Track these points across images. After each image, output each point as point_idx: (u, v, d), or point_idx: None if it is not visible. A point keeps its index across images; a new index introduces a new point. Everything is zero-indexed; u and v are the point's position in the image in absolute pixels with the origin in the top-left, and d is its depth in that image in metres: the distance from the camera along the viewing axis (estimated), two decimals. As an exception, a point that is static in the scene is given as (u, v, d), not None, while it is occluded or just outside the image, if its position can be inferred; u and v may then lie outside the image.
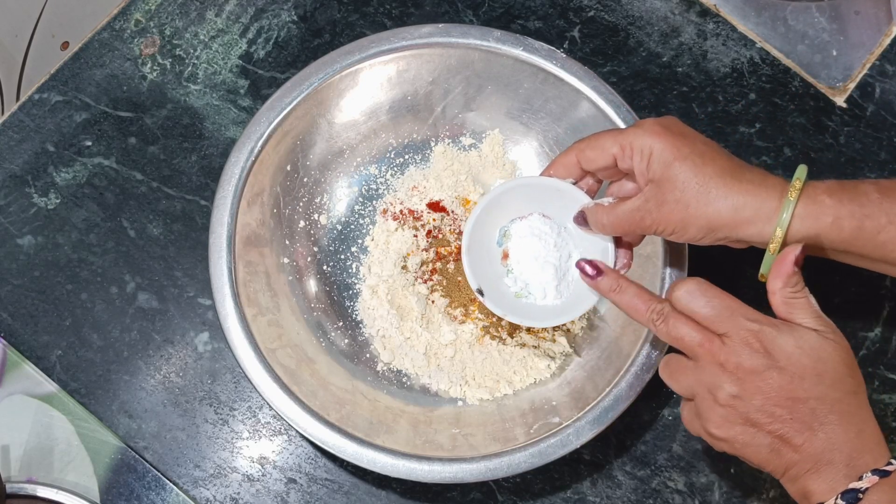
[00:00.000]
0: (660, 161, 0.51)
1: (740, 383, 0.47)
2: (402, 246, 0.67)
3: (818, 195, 0.50)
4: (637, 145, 0.52)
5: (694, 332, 0.49)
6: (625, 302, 0.53)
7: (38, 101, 0.72)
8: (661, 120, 0.53)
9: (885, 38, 0.75)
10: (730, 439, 0.48)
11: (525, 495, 0.64)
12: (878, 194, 0.50)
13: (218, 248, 0.61)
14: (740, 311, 0.49)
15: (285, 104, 0.64)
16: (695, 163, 0.51)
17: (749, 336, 0.48)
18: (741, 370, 0.47)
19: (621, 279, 0.53)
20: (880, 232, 0.50)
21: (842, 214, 0.50)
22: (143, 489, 0.63)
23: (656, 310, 0.51)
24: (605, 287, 0.54)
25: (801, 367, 0.47)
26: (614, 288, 0.53)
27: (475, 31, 0.66)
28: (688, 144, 0.51)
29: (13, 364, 0.66)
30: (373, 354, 0.65)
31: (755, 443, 0.48)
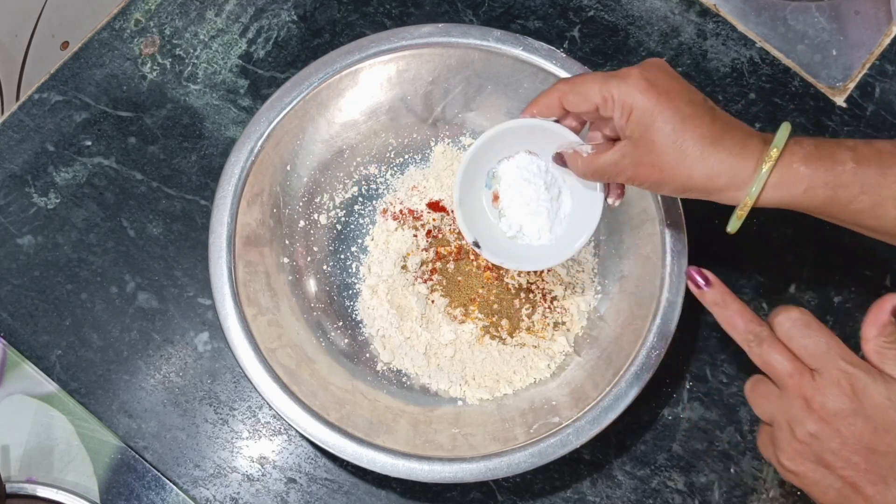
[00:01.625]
0: (639, 121, 0.51)
1: (822, 423, 0.47)
2: (402, 246, 0.67)
3: (794, 163, 0.50)
4: (619, 99, 0.52)
5: (786, 361, 0.49)
6: (725, 317, 0.52)
7: (38, 100, 0.72)
8: (647, 71, 0.52)
9: (885, 38, 0.75)
10: (800, 474, 0.48)
11: (525, 495, 0.64)
12: (854, 163, 0.50)
13: (218, 247, 0.61)
14: (838, 350, 0.48)
15: (285, 104, 0.64)
16: (674, 127, 0.51)
17: (841, 377, 0.47)
18: (825, 410, 0.47)
19: (726, 294, 0.52)
20: (852, 201, 0.50)
21: (815, 184, 0.50)
22: (143, 489, 0.63)
23: (754, 331, 0.50)
24: (709, 299, 0.53)
25: (888, 420, 0.46)
26: (718, 302, 0.52)
27: (475, 31, 0.66)
28: (670, 105, 0.51)
29: (13, 364, 0.66)
30: (373, 354, 0.65)
31: (824, 483, 0.47)
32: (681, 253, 0.62)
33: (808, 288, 0.69)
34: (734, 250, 0.69)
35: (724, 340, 0.67)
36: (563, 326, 0.65)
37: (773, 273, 0.69)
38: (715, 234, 0.69)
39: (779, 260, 0.69)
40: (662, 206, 0.63)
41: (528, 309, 0.66)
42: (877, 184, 0.49)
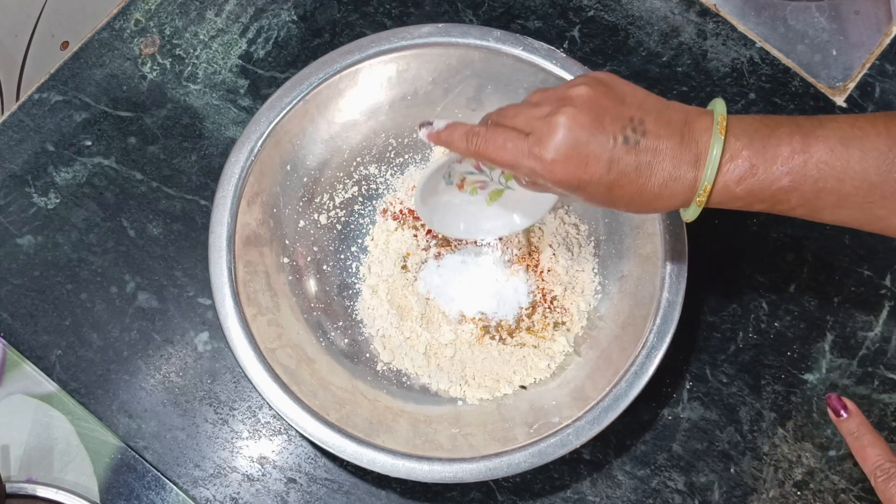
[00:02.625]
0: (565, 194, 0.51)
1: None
2: (402, 246, 0.67)
3: (730, 187, 0.48)
4: (540, 181, 0.50)
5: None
6: (857, 447, 0.54)
7: (38, 100, 0.72)
8: (566, 141, 0.48)
9: (884, 38, 0.75)
10: None
11: (525, 495, 0.64)
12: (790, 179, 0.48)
13: (218, 247, 0.61)
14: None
15: (285, 104, 0.64)
16: (599, 203, 0.50)
17: None
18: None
19: (862, 426, 0.55)
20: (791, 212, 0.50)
21: (752, 202, 0.49)
22: (143, 489, 0.63)
23: (883, 467, 0.52)
24: (845, 428, 0.55)
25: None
26: (853, 431, 0.55)
27: (475, 31, 0.66)
28: (590, 183, 0.48)
29: (13, 364, 0.66)
30: (373, 354, 0.65)
31: None
32: (681, 253, 0.62)
33: (808, 288, 0.69)
34: (734, 250, 0.69)
35: (724, 340, 0.67)
36: (563, 326, 0.65)
37: (773, 273, 0.69)
38: (715, 234, 0.70)
39: (779, 260, 0.69)
40: (662, 206, 0.63)
41: (528, 309, 0.66)
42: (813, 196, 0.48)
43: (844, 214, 0.49)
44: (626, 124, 0.48)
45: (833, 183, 0.47)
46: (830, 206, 0.48)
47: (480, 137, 0.50)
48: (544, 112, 0.49)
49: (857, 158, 0.47)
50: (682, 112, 0.50)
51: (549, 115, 0.48)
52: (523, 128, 0.49)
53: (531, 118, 0.49)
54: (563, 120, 0.47)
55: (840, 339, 0.67)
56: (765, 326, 0.67)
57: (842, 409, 0.56)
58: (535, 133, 0.48)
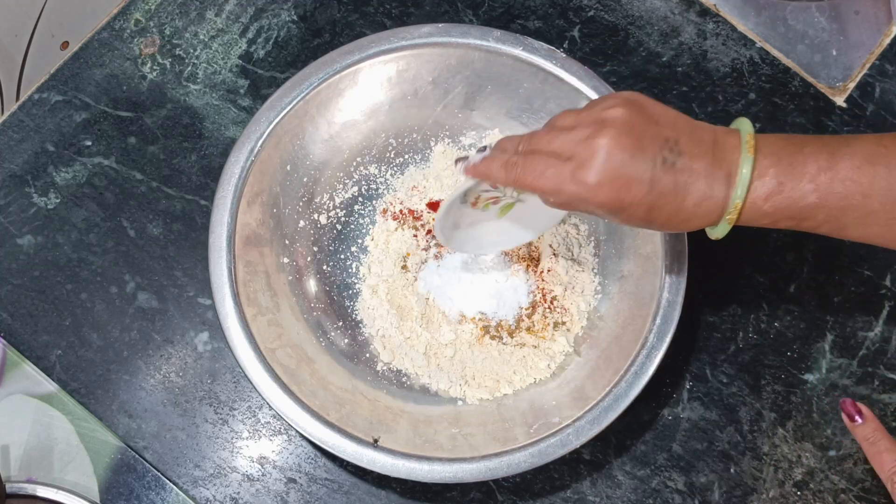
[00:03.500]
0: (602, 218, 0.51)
1: None
2: (402, 246, 0.67)
3: (758, 204, 0.49)
4: (581, 205, 0.50)
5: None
6: (873, 453, 0.55)
7: (38, 100, 0.72)
8: (607, 167, 0.48)
9: (884, 38, 0.75)
10: None
11: (525, 495, 0.64)
12: (815, 194, 0.48)
13: (218, 247, 0.61)
14: None
15: (285, 104, 0.64)
16: (641, 220, 0.50)
17: None
18: None
19: (878, 431, 0.55)
20: (816, 229, 0.50)
21: (779, 219, 0.50)
22: (143, 489, 0.63)
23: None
24: (860, 434, 0.56)
25: None
26: (869, 437, 0.55)
27: (475, 31, 0.66)
28: (631, 205, 0.48)
29: (13, 364, 0.66)
30: (373, 354, 0.65)
31: None
32: (681, 253, 0.62)
33: (808, 288, 0.69)
34: (734, 250, 0.69)
35: (724, 340, 0.67)
36: (563, 326, 0.65)
37: (773, 273, 0.69)
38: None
39: (779, 260, 0.69)
40: (662, 206, 0.63)
41: (527, 309, 0.66)
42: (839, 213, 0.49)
43: (870, 231, 0.49)
44: (663, 145, 0.48)
45: (859, 199, 0.47)
46: (856, 223, 0.48)
47: (519, 167, 0.50)
48: (583, 135, 0.48)
49: (882, 175, 0.47)
50: (711, 131, 0.50)
51: (588, 139, 0.48)
52: (562, 153, 0.49)
53: (569, 142, 0.49)
54: (605, 142, 0.47)
55: (840, 339, 0.67)
56: (765, 326, 0.67)
57: (857, 415, 0.56)
58: (576, 158, 0.48)
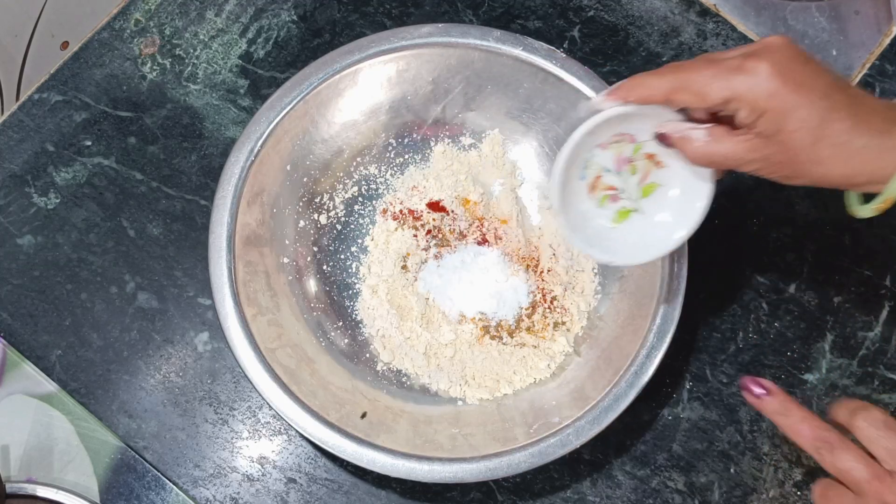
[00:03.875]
0: (771, 123, 0.47)
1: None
2: (402, 246, 0.67)
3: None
4: (747, 102, 0.46)
5: (864, 466, 0.47)
6: (788, 425, 0.50)
7: (38, 100, 0.72)
8: (777, 63, 0.46)
9: (884, 38, 0.75)
10: None
11: (525, 495, 0.64)
12: None
13: (218, 247, 0.61)
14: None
15: (285, 104, 0.64)
16: (811, 130, 0.46)
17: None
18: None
19: (787, 402, 0.50)
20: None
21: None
22: (143, 489, 0.63)
23: (822, 438, 0.48)
24: (769, 409, 0.51)
25: None
26: (779, 411, 0.50)
27: (475, 31, 0.66)
28: (805, 103, 0.46)
29: (13, 364, 0.66)
30: (373, 354, 0.65)
31: None
32: (681, 253, 0.62)
33: (808, 288, 0.69)
34: (734, 250, 0.69)
35: (724, 341, 0.67)
36: (563, 326, 0.65)
37: (773, 273, 0.69)
38: (715, 234, 0.70)
39: (779, 260, 0.69)
40: (662, 206, 0.63)
41: (527, 309, 0.66)
42: None
43: None
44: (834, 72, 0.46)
45: None
46: None
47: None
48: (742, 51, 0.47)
49: None
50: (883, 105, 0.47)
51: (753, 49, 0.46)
52: None
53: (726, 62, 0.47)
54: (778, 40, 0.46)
55: (840, 339, 0.67)
56: (765, 326, 0.67)
57: (758, 388, 0.51)
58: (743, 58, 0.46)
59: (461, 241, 0.67)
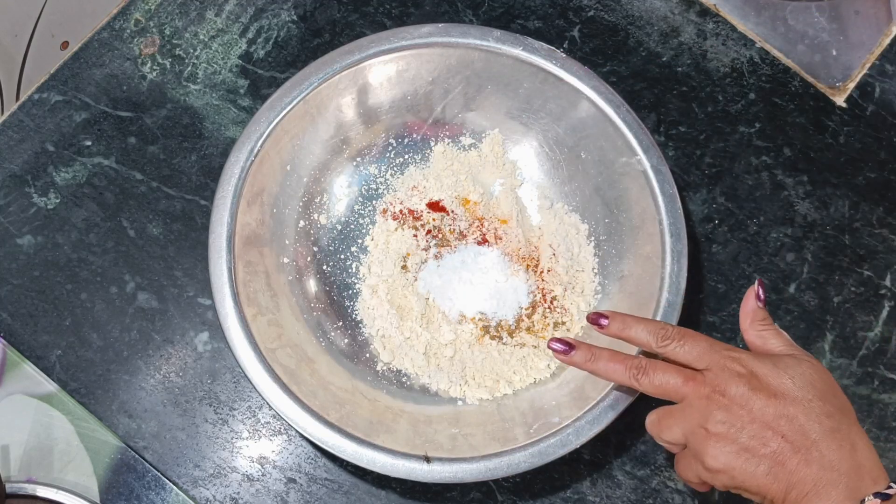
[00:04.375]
0: None
1: (728, 410, 0.48)
2: (402, 246, 0.67)
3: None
4: None
5: (675, 374, 0.51)
6: (601, 368, 0.54)
7: (38, 100, 0.72)
8: None
9: (884, 38, 0.75)
10: (727, 468, 0.48)
11: (525, 495, 0.64)
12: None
13: (218, 247, 0.61)
14: (718, 344, 0.51)
15: (285, 104, 0.64)
16: None
17: (731, 363, 0.49)
18: (727, 397, 0.48)
19: (592, 348, 0.54)
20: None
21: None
22: (143, 489, 0.63)
23: (634, 365, 0.52)
24: (579, 360, 0.54)
25: (784, 386, 0.48)
26: (588, 358, 0.54)
27: (475, 31, 0.66)
28: None
29: (13, 364, 0.66)
30: (373, 354, 0.65)
31: (751, 469, 0.48)
32: (681, 253, 0.62)
33: (808, 288, 0.69)
34: (734, 250, 0.69)
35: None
36: (563, 326, 0.65)
37: (773, 273, 0.69)
38: (715, 234, 0.70)
39: (779, 260, 0.69)
40: (662, 205, 0.63)
41: (527, 309, 0.66)
42: None
43: None
44: None
45: None
46: None
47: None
48: None
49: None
50: None
51: None
52: None
53: None
54: None
55: (840, 339, 0.67)
56: (765, 326, 0.67)
57: (561, 345, 0.54)
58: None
59: (461, 241, 0.67)
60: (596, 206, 0.67)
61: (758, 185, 0.71)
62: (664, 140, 0.72)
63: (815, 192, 0.71)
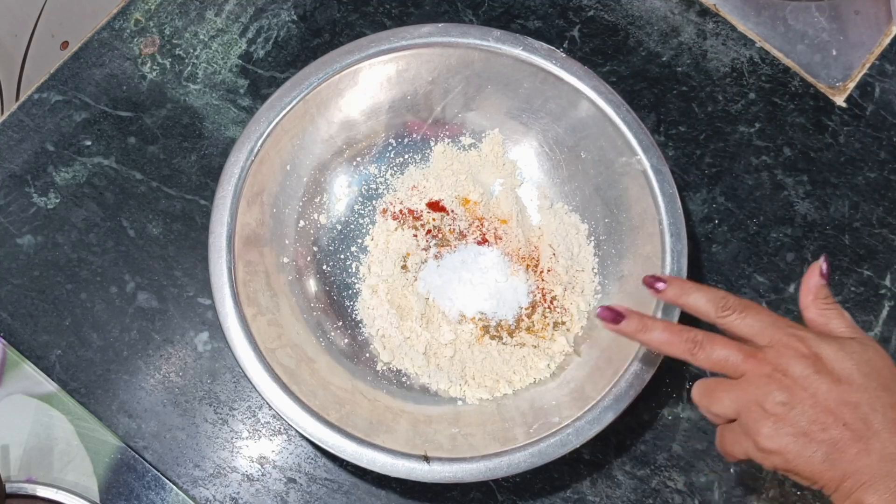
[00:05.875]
0: None
1: (789, 391, 0.46)
2: (402, 246, 0.67)
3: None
4: None
5: (736, 350, 0.48)
6: (655, 339, 0.51)
7: (38, 100, 0.72)
8: None
9: (884, 38, 0.75)
10: (781, 450, 0.46)
11: (525, 495, 0.64)
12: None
13: (217, 247, 0.61)
14: (782, 321, 0.48)
15: (285, 104, 0.64)
16: None
17: (794, 341, 0.47)
18: (789, 377, 0.46)
19: (645, 317, 0.51)
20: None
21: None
22: (143, 489, 0.63)
23: (689, 338, 0.49)
24: (630, 329, 0.52)
25: (849, 372, 0.46)
26: (640, 328, 0.51)
27: (475, 31, 0.66)
28: None
29: (13, 364, 0.66)
30: (372, 354, 0.65)
31: (807, 454, 0.46)
32: (681, 253, 0.62)
33: (808, 288, 0.69)
34: (734, 250, 0.69)
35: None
36: (562, 326, 0.65)
37: (773, 273, 0.69)
38: (715, 234, 0.70)
39: (779, 260, 0.69)
40: (662, 205, 0.63)
41: (527, 309, 0.66)
42: None
43: None
44: None
45: None
46: None
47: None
48: None
49: None
50: None
51: None
52: None
53: None
54: None
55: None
56: (765, 326, 0.67)
57: (611, 313, 0.52)
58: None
59: (461, 241, 0.67)
60: (596, 206, 0.67)
61: (758, 184, 0.71)
62: (664, 140, 0.72)
63: (815, 192, 0.71)
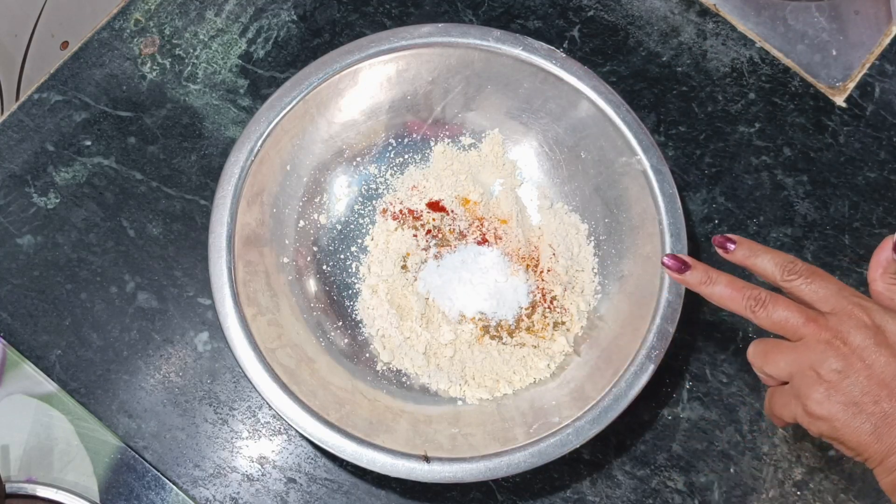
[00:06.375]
0: None
1: (846, 359, 0.46)
2: (402, 246, 0.67)
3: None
4: None
5: (798, 313, 0.48)
6: (717, 293, 0.51)
7: (38, 100, 0.72)
8: None
9: (884, 38, 0.75)
10: (830, 417, 0.46)
11: (525, 495, 0.64)
12: None
13: (217, 247, 0.61)
14: (848, 290, 0.48)
15: (285, 104, 0.64)
16: None
17: (859, 312, 0.46)
18: (848, 345, 0.46)
19: (710, 270, 0.51)
20: None
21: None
22: (143, 489, 0.63)
23: (753, 296, 0.49)
24: (694, 281, 0.51)
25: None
26: (704, 280, 0.51)
27: (475, 31, 0.66)
28: None
29: (13, 364, 0.66)
30: (372, 354, 0.65)
31: (856, 424, 0.46)
32: (681, 253, 0.62)
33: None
34: (734, 250, 0.69)
35: (724, 341, 0.67)
36: (562, 326, 0.65)
37: (772, 273, 0.69)
38: (715, 233, 0.70)
39: (779, 260, 0.69)
40: (662, 205, 0.63)
41: (527, 309, 0.66)
42: None
43: None
44: None
45: None
46: None
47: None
48: None
49: None
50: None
51: None
52: None
53: None
54: None
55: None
56: (765, 326, 0.67)
57: (675, 262, 0.52)
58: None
59: (461, 241, 0.67)
60: (596, 206, 0.67)
61: (758, 185, 0.71)
62: (664, 140, 0.72)
63: (815, 192, 0.71)
